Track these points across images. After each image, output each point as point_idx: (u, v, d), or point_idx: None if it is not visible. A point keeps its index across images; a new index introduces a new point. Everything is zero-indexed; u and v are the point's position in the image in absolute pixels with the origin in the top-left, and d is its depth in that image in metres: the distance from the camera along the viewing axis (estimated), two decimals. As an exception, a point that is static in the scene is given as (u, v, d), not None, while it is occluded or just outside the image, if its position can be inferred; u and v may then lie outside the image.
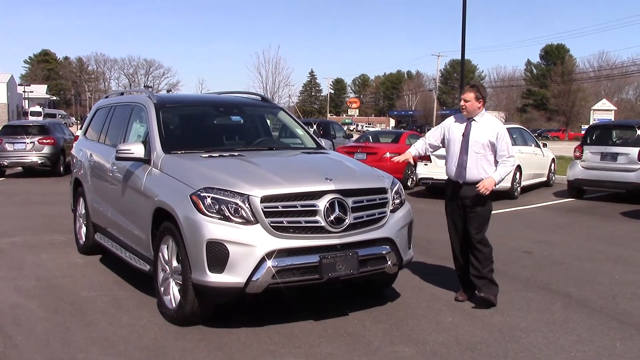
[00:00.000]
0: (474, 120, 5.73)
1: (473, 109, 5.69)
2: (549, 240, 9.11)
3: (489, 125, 5.72)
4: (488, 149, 5.67)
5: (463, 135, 5.72)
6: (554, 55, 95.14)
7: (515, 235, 9.43)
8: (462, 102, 5.72)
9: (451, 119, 6.02)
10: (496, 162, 5.71)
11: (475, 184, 5.60)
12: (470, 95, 5.66)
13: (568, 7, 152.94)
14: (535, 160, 15.49)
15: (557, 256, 7.99)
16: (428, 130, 7.49)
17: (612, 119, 34.65)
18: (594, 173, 13.57)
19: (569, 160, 18.06)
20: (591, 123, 29.83)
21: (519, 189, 14.09)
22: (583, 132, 18.34)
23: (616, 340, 4.90)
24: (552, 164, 16.95)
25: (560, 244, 8.89)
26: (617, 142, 13.98)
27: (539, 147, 16.21)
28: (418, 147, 6.14)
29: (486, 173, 5.64)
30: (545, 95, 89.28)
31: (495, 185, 5.64)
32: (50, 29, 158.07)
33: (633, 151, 13.05)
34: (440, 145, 6.06)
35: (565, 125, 78.53)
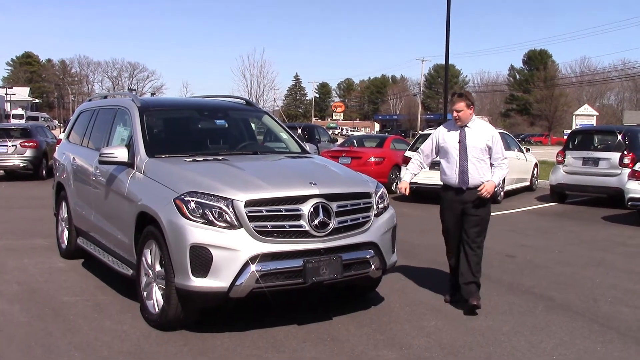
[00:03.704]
0: (467, 126, 5.77)
1: (466, 116, 5.73)
2: (531, 245, 9.19)
3: (483, 130, 5.80)
4: (485, 153, 5.76)
5: (459, 142, 5.75)
6: (537, 60, 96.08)
7: (499, 239, 9.48)
8: (455, 113, 5.73)
9: (441, 128, 6.04)
10: (491, 165, 5.80)
11: (476, 188, 5.68)
12: (461, 105, 5.69)
13: (551, 13, 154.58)
14: (518, 164, 15.60)
15: (539, 260, 8.06)
16: (413, 135, 7.50)
17: (594, 124, 35.05)
18: (576, 178, 13.71)
19: (551, 165, 18.25)
20: (573, 128, 30.18)
21: (502, 193, 14.18)
22: (565, 137, 18.51)
23: (597, 344, 4.95)
24: (535, 169, 17.10)
25: (543, 248, 8.97)
26: (599, 147, 14.11)
27: (522, 151, 16.34)
28: (412, 169, 6.12)
29: (486, 176, 5.73)
30: (528, 101, 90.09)
31: (495, 188, 5.75)
32: (33, 31, 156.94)
33: (614, 156, 13.20)
34: (434, 156, 6.04)
35: (548, 130, 79.31)
